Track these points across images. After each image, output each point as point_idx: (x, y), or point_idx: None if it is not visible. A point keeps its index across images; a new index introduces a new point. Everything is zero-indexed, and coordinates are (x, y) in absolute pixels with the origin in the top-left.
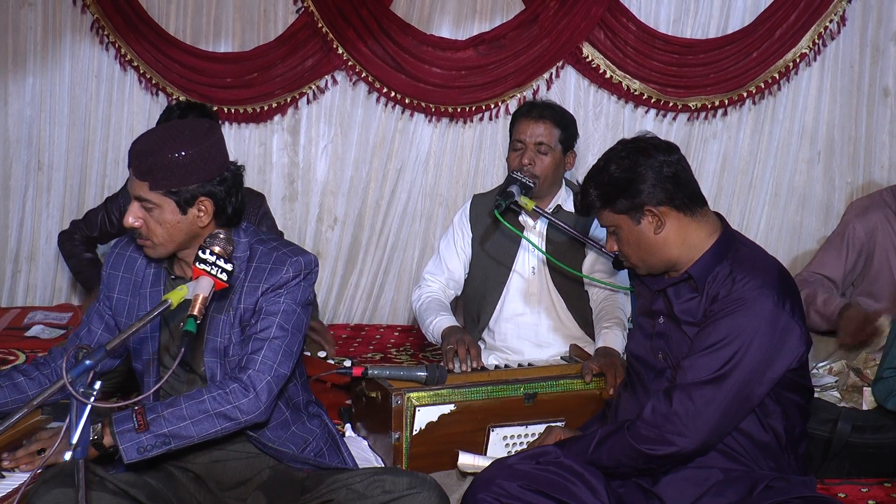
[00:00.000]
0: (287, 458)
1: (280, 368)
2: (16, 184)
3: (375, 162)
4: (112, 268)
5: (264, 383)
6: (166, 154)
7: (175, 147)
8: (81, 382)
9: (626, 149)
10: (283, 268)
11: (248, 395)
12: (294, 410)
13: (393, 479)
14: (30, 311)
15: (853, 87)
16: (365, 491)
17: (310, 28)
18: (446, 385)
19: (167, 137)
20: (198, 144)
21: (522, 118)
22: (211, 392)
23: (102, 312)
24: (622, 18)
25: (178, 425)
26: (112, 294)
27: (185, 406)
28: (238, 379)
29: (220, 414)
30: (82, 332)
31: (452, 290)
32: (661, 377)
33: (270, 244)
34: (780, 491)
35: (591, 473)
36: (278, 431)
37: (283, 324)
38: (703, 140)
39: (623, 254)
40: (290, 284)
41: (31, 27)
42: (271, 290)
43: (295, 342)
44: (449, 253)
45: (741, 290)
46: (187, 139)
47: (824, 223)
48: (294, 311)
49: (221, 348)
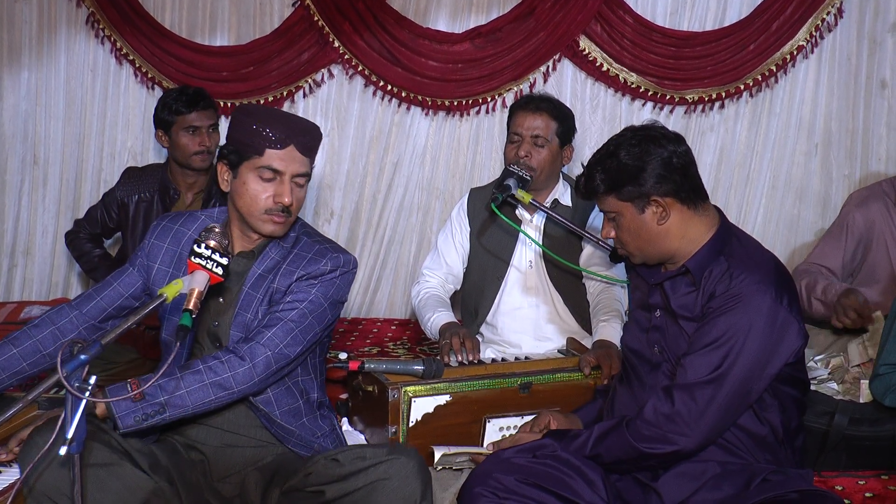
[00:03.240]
0: (294, 439)
1: (285, 349)
2: (11, 178)
3: (372, 155)
4: (157, 238)
5: (263, 356)
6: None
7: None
8: (76, 377)
9: (636, 136)
10: (322, 259)
11: (243, 364)
12: (307, 403)
13: (373, 450)
14: (26, 306)
15: (850, 80)
16: (344, 460)
17: (306, 21)
18: (443, 379)
19: (292, 115)
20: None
21: (520, 110)
22: (207, 362)
23: (135, 277)
24: (619, 11)
25: (174, 394)
26: (153, 264)
27: (181, 375)
28: (236, 349)
29: (215, 383)
30: (106, 289)
31: (451, 285)
32: (656, 371)
33: (316, 237)
34: (777, 484)
35: (588, 467)
36: (288, 417)
37: (306, 311)
38: (700, 133)
39: (620, 241)
40: (324, 277)
41: (27, 21)
42: (306, 277)
43: (310, 331)
44: (447, 248)
45: (739, 287)
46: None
47: (822, 216)
48: (321, 304)
49: (247, 323)
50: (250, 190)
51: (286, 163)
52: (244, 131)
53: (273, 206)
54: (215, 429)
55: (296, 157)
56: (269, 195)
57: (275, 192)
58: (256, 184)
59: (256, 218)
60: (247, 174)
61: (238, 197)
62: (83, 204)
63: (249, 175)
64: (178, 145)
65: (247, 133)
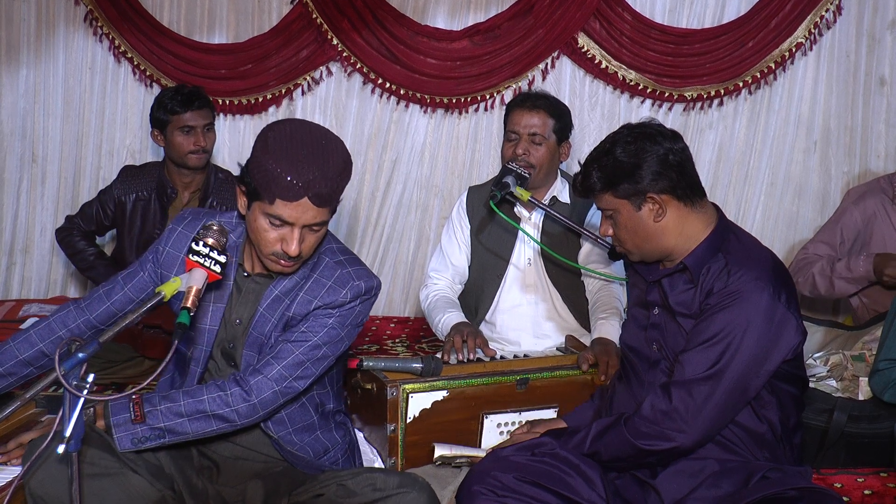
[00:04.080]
0: (302, 463)
1: (294, 383)
2: (10, 176)
3: (371, 153)
4: (172, 247)
5: (269, 392)
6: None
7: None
8: (75, 375)
9: (632, 133)
10: (342, 290)
11: (248, 399)
12: (322, 417)
13: (384, 478)
14: (25, 304)
15: (849, 77)
16: (355, 487)
17: (304, 19)
18: (441, 377)
19: (320, 155)
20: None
21: (517, 108)
22: (211, 393)
23: (146, 283)
24: (617, 8)
25: (175, 421)
26: (168, 273)
27: (184, 403)
28: (243, 381)
29: (217, 416)
30: (116, 293)
31: (459, 285)
32: (655, 368)
33: (338, 257)
34: (776, 481)
35: (587, 465)
36: (302, 434)
37: (320, 343)
38: (699, 130)
39: (618, 239)
40: (344, 307)
41: (25, 19)
42: (324, 307)
43: (323, 361)
44: (451, 247)
45: (737, 283)
46: (337, 145)
47: (821, 213)
48: (337, 334)
49: (261, 344)
50: (259, 228)
51: (297, 215)
52: (259, 168)
53: (280, 251)
54: (229, 442)
55: (309, 209)
56: (277, 239)
57: (282, 238)
58: (265, 224)
59: (264, 256)
60: (257, 212)
61: (250, 228)
62: (81, 202)
63: (259, 215)
64: (173, 145)
65: (261, 172)
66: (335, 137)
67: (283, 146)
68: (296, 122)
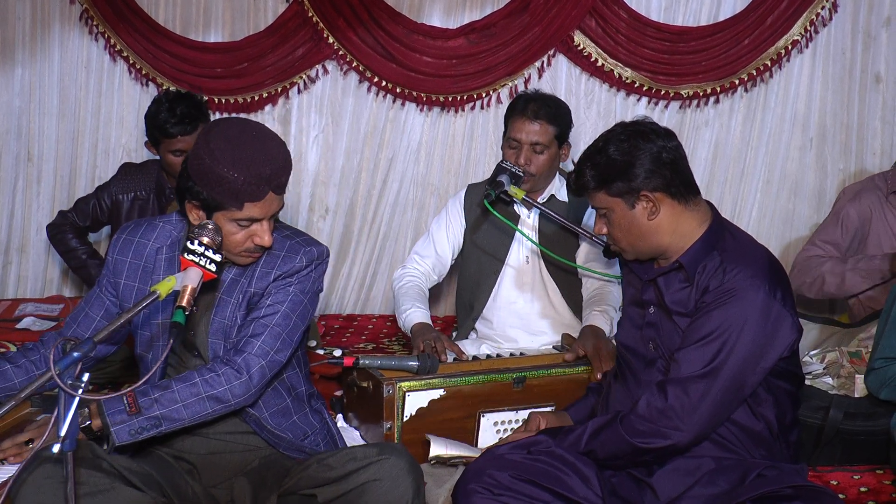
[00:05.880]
0: (284, 444)
1: (276, 355)
2: (5, 175)
3: (367, 151)
4: (119, 253)
5: (257, 367)
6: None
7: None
8: (69, 374)
9: (625, 132)
10: (296, 256)
11: (240, 377)
12: (296, 400)
13: (363, 450)
14: (21, 303)
15: (845, 74)
16: (335, 464)
17: (300, 17)
18: (437, 374)
19: (262, 147)
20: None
21: (518, 116)
22: (203, 375)
23: (104, 298)
24: (613, 6)
25: (170, 408)
26: (119, 280)
27: (177, 389)
28: (231, 361)
29: (212, 397)
30: (80, 316)
31: (436, 276)
32: (651, 367)
33: (284, 232)
34: (772, 479)
35: (583, 463)
36: (279, 419)
37: (289, 312)
38: (694, 128)
39: (612, 237)
40: (301, 273)
41: (20, 17)
42: (283, 276)
43: (296, 331)
44: (440, 236)
45: (732, 281)
46: (267, 132)
47: (817, 210)
48: (301, 301)
49: (226, 329)
50: (227, 233)
51: (266, 210)
52: (215, 180)
53: (252, 246)
54: (201, 437)
55: (273, 200)
56: (246, 237)
57: (252, 235)
58: (234, 228)
59: (233, 255)
60: (222, 220)
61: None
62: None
63: (226, 222)
64: (166, 161)
65: (219, 182)
66: (260, 125)
67: (230, 151)
68: (223, 123)
